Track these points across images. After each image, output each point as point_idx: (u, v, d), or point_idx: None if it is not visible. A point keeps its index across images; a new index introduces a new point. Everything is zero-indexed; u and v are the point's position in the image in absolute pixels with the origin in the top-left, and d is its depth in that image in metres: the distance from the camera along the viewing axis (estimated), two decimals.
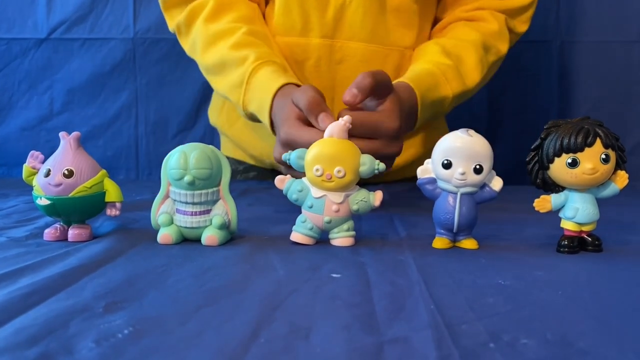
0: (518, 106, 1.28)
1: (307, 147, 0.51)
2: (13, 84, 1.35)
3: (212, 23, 0.81)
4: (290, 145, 0.63)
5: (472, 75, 0.81)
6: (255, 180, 1.01)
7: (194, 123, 1.29)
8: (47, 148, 1.50)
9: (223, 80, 0.80)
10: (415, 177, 0.52)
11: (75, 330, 0.30)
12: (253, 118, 0.77)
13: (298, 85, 0.72)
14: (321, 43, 0.83)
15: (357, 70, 0.81)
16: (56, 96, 1.34)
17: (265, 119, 0.72)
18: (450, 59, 0.79)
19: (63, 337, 0.29)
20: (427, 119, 0.79)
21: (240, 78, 0.76)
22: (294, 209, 0.52)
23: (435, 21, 0.92)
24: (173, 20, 0.86)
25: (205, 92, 1.22)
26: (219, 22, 0.81)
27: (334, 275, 0.41)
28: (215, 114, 1.01)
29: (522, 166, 0.51)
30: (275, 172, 0.98)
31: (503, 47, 0.87)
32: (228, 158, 1.05)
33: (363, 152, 0.51)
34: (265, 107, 0.71)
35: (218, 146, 1.07)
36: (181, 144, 0.53)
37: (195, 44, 0.83)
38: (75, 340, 0.29)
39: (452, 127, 0.55)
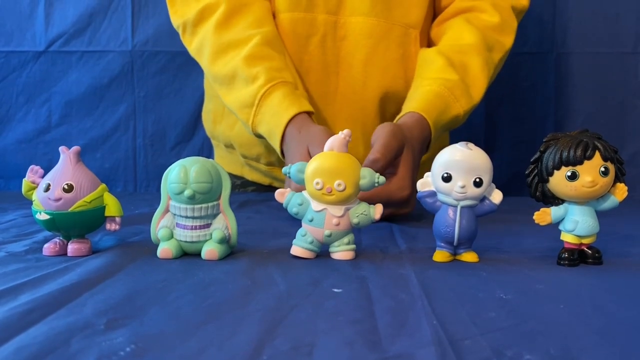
0: (515, 117, 1.28)
1: None
2: (11, 96, 1.35)
3: (224, 30, 0.81)
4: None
5: (479, 84, 0.81)
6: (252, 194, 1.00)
7: (191, 135, 1.29)
8: (45, 161, 1.50)
9: (232, 94, 0.80)
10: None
11: (76, 348, 0.30)
12: (260, 136, 0.78)
13: (309, 113, 0.74)
14: (326, 19, 0.83)
15: (360, 46, 0.84)
16: (54, 109, 1.34)
17: (276, 145, 0.74)
18: (456, 71, 0.80)
19: (64, 355, 0.29)
20: (440, 134, 0.80)
21: (251, 99, 0.76)
22: (294, 223, 0.52)
23: (435, 12, 0.92)
24: (178, 16, 0.86)
25: (203, 104, 1.22)
26: (231, 30, 0.81)
27: (336, 290, 0.41)
28: (211, 123, 1.00)
29: (519, 177, 0.51)
30: (273, 188, 0.98)
31: (507, 41, 0.87)
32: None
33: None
34: (276, 135, 0.73)
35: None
36: (179, 156, 0.53)
37: (204, 49, 0.83)
38: (77, 359, 0.28)
39: (451, 138, 0.56)
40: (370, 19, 0.84)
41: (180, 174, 0.50)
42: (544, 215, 0.50)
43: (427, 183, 0.51)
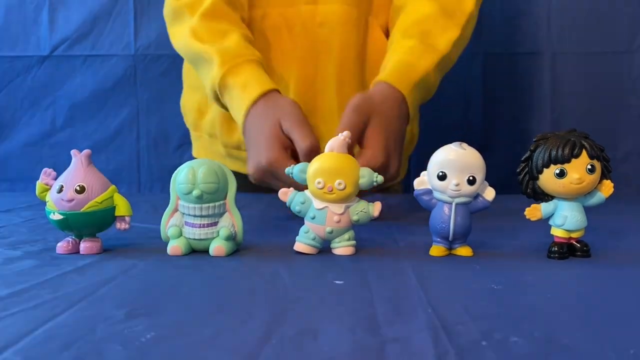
0: (511, 116, 1.31)
1: (287, 186, 0.55)
2: (16, 101, 1.37)
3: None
4: (271, 174, 0.68)
5: (442, 40, 0.83)
6: (238, 191, 1.03)
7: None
8: (50, 164, 1.51)
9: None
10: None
11: (101, 335, 0.32)
12: (222, 105, 0.81)
13: (274, 91, 0.76)
14: (305, 9, 0.89)
15: (337, 32, 0.89)
16: (58, 112, 1.36)
17: (239, 119, 0.76)
18: (413, 38, 0.82)
19: (92, 341, 0.32)
20: (419, 103, 0.83)
21: (212, 81, 0.79)
22: (294, 221, 0.55)
23: None
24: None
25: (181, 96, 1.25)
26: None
27: (337, 282, 0.44)
28: (195, 113, 1.03)
29: (515, 175, 0.53)
30: (254, 185, 1.01)
31: (467, 6, 0.87)
32: None
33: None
34: (241, 112, 0.75)
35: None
36: (182, 158, 0.56)
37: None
38: (103, 344, 0.31)
39: (449, 137, 0.58)
40: (345, 7, 0.89)
41: (189, 175, 0.53)
42: (534, 211, 0.52)
43: (423, 181, 0.53)
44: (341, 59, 0.90)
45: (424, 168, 0.53)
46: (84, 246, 0.55)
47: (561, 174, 0.50)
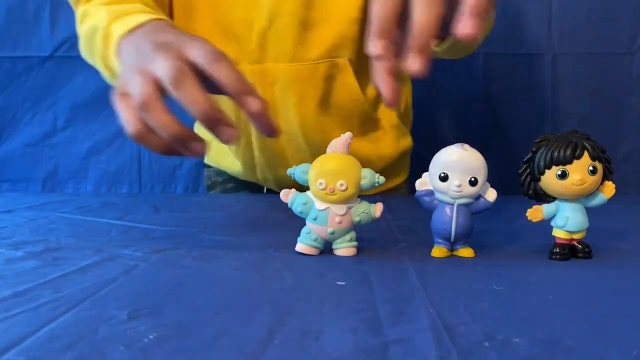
0: (512, 117, 1.31)
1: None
2: (17, 101, 1.37)
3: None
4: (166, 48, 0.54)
5: None
6: (233, 191, 1.05)
7: None
8: (51, 164, 1.52)
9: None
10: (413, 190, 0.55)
11: (104, 336, 0.32)
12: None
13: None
14: (252, 69, 0.85)
15: (289, 89, 0.86)
16: (60, 113, 1.37)
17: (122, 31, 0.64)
18: None
19: (94, 342, 0.32)
20: None
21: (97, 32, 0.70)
22: (295, 221, 0.55)
23: None
24: None
25: None
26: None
27: (339, 283, 0.44)
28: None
29: (516, 176, 0.54)
30: (251, 185, 1.02)
31: None
32: (212, 168, 1.09)
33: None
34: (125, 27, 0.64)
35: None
36: (183, 158, 0.55)
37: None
38: (106, 344, 0.31)
39: (449, 138, 0.58)
40: (293, 65, 0.85)
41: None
42: (536, 212, 0.52)
43: (425, 183, 0.53)
44: (301, 114, 0.88)
45: (426, 169, 0.53)
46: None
47: (563, 175, 0.50)
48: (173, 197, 1.13)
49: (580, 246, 0.53)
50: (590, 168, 0.50)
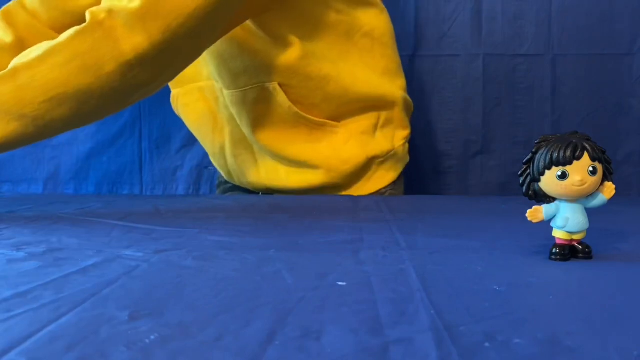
0: (512, 118, 1.31)
1: None
2: None
3: None
4: None
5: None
6: (229, 193, 1.06)
7: (196, 138, 1.32)
8: (52, 165, 1.51)
9: None
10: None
11: (105, 336, 0.33)
12: None
13: None
14: (176, 92, 1.04)
15: (221, 106, 0.99)
16: None
17: None
18: None
19: (95, 343, 0.32)
20: None
21: None
22: (295, 221, 0.55)
23: None
24: None
25: None
26: None
27: (340, 283, 0.44)
28: None
29: (516, 177, 0.54)
30: (245, 190, 1.06)
31: None
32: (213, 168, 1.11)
33: None
34: None
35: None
36: (184, 159, 0.56)
37: None
38: (107, 345, 0.31)
39: (449, 139, 0.58)
40: (208, 82, 1.00)
41: None
42: (536, 213, 0.52)
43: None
44: (233, 132, 0.99)
45: (426, 169, 0.53)
46: None
47: (563, 176, 0.50)
48: (174, 198, 1.13)
49: (580, 247, 0.53)
50: (590, 169, 0.50)
